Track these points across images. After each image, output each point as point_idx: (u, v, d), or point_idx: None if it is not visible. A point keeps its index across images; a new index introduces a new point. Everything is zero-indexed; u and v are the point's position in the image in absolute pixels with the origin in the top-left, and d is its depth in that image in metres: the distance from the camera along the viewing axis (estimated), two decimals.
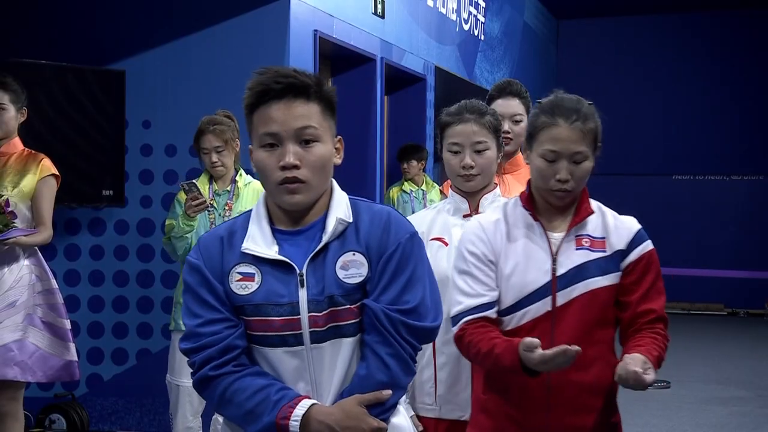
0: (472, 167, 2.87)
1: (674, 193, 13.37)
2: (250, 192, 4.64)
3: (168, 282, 5.72)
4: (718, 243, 13.03)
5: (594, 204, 2.64)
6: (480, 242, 2.54)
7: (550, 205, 2.57)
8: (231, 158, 4.64)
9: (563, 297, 2.47)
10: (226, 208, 4.62)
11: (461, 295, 2.52)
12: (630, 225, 2.59)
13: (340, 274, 2.00)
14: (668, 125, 13.50)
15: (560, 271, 2.48)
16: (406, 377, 2.03)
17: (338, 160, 2.09)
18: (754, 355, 9.78)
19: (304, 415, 1.94)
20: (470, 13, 9.49)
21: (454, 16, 8.91)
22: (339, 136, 2.09)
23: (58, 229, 5.55)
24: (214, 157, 4.62)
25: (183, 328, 4.58)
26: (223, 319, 2.01)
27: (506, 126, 3.45)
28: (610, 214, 2.62)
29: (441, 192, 6.70)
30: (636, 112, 13.54)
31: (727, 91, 13.32)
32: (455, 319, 2.53)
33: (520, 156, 3.51)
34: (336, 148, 2.07)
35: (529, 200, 2.58)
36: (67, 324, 4.48)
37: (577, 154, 2.57)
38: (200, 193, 4.41)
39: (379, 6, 7.01)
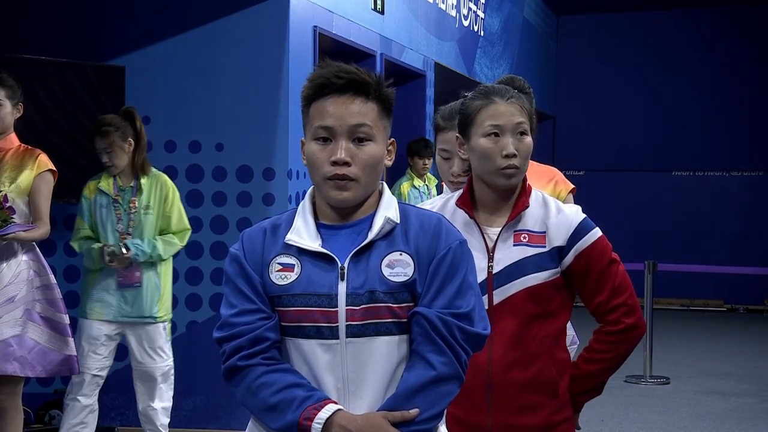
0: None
1: (674, 189, 13.37)
2: (154, 184, 4.82)
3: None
4: (718, 239, 13.03)
5: (538, 197, 2.53)
6: None
7: (493, 197, 2.50)
8: (122, 157, 4.79)
9: (500, 295, 2.44)
10: (131, 204, 4.79)
11: None
12: (570, 219, 2.48)
13: (385, 271, 1.99)
14: (668, 121, 13.50)
15: (496, 268, 2.44)
16: (456, 388, 1.99)
17: (389, 162, 2.07)
18: (753, 351, 9.79)
19: (327, 418, 1.92)
20: (470, 8, 9.49)
21: (453, 12, 8.91)
22: (392, 139, 2.07)
23: (57, 225, 5.55)
24: (104, 158, 4.80)
25: (88, 316, 4.74)
26: (257, 310, 2.01)
27: None
28: (554, 207, 2.51)
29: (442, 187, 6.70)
30: (635, 108, 13.53)
31: (727, 86, 13.32)
32: None
33: None
34: (388, 150, 2.06)
35: (466, 197, 2.53)
36: (66, 319, 4.48)
37: (520, 125, 2.47)
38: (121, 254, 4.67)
39: (379, 2, 7.01)
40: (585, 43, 13.89)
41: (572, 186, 3.59)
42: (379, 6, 7.00)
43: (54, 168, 4.49)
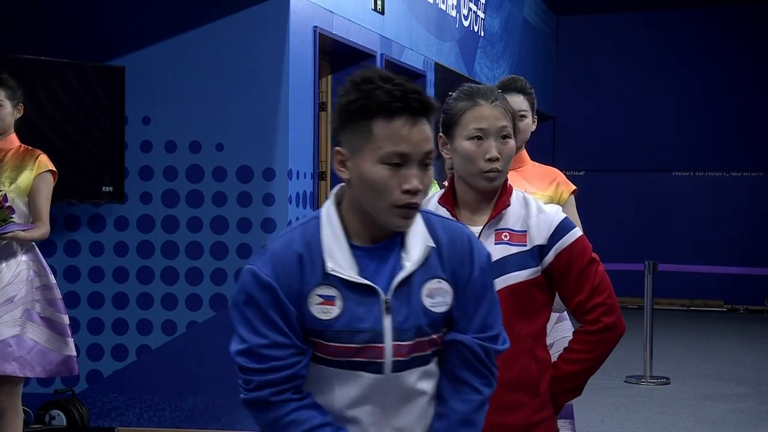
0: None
1: (674, 189, 13.36)
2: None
3: (168, 278, 5.73)
4: (718, 239, 13.03)
5: (519, 196, 2.54)
6: None
7: (474, 197, 2.51)
8: None
9: None
10: None
11: None
12: (551, 219, 2.49)
13: (427, 302, 1.94)
14: (668, 121, 13.49)
15: None
16: (487, 404, 2.04)
17: None
18: (753, 351, 9.78)
19: None
20: (470, 9, 9.48)
21: (453, 12, 8.90)
22: None
23: (57, 225, 5.55)
24: None
25: None
26: (290, 345, 1.92)
27: None
28: (535, 206, 2.52)
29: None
30: (635, 108, 13.53)
31: (727, 86, 13.31)
32: None
33: (524, 153, 3.51)
34: None
35: (448, 196, 2.54)
36: (66, 319, 4.48)
37: (504, 129, 2.47)
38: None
39: (379, 2, 7.01)
40: (585, 43, 13.89)
41: (574, 187, 3.59)
42: (379, 6, 7.00)
43: (54, 168, 4.48)
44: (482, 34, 10.00)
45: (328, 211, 1.97)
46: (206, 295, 5.71)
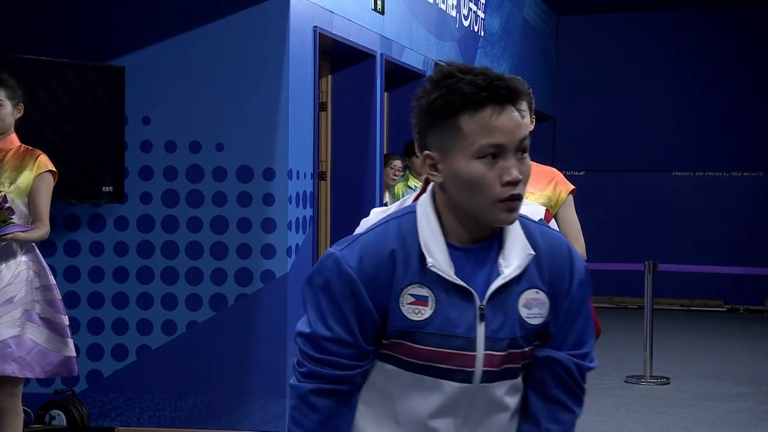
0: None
1: (674, 189, 13.36)
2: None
3: (168, 278, 5.73)
4: (718, 239, 13.03)
5: None
6: None
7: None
8: None
9: None
10: None
11: None
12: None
13: (523, 312, 1.84)
14: (668, 121, 13.49)
15: None
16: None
17: None
18: (753, 351, 9.78)
19: None
20: (470, 9, 9.48)
21: (453, 12, 8.90)
22: None
23: (57, 225, 5.55)
24: None
25: None
26: (353, 345, 1.82)
27: None
28: None
29: None
30: (635, 108, 13.53)
31: (727, 86, 13.31)
32: None
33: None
34: None
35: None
36: (66, 320, 4.48)
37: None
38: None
39: (379, 2, 7.01)
40: (585, 43, 13.89)
41: (572, 187, 3.59)
42: (379, 6, 7.00)
43: (54, 169, 4.48)
44: (482, 34, 10.00)
45: (424, 206, 1.85)
46: (206, 295, 5.71)
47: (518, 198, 1.78)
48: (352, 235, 1.91)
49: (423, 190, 2.52)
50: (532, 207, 2.52)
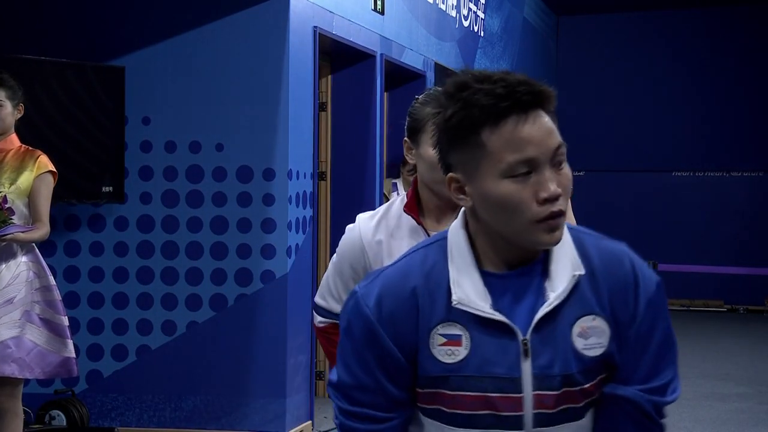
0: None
1: (674, 190, 13.36)
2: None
3: (168, 278, 5.73)
4: (718, 239, 13.03)
5: None
6: (356, 251, 2.46)
7: (440, 203, 2.40)
8: None
9: None
10: None
11: (330, 289, 2.52)
12: None
13: (578, 343, 1.58)
14: (668, 121, 13.49)
15: None
16: None
17: None
18: (753, 351, 9.78)
19: None
20: (470, 9, 9.48)
21: (453, 13, 8.90)
22: None
23: (57, 225, 5.55)
24: None
25: None
26: (380, 392, 1.62)
27: None
28: None
29: None
30: (635, 108, 13.53)
31: (727, 86, 13.31)
32: (320, 310, 2.55)
33: None
34: None
35: (412, 203, 2.45)
36: (65, 321, 4.48)
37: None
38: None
39: (379, 2, 7.01)
40: (585, 43, 13.89)
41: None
42: (379, 6, 7.00)
43: (54, 169, 4.48)
44: (482, 35, 10.00)
45: (455, 232, 1.64)
46: (206, 296, 5.71)
47: (559, 215, 1.55)
48: (379, 269, 1.73)
49: (413, 183, 2.51)
50: None
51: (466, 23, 9.34)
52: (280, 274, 5.62)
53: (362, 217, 2.53)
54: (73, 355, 4.51)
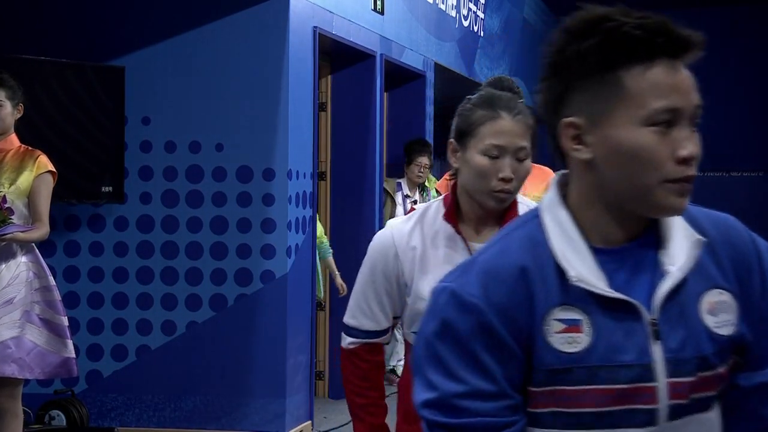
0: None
1: None
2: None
3: (167, 278, 5.73)
4: None
5: (526, 209, 2.34)
6: (389, 258, 2.35)
7: (481, 212, 2.33)
8: None
9: None
10: None
11: (360, 305, 2.41)
12: None
13: (709, 321, 1.39)
14: None
15: None
16: None
17: None
18: None
19: None
20: (470, 9, 9.48)
21: (453, 13, 8.91)
22: None
23: (57, 225, 5.55)
24: None
25: None
26: (499, 395, 1.36)
27: None
28: None
29: (436, 191, 6.70)
30: None
31: (726, 86, 13.32)
32: (351, 331, 2.42)
33: None
34: None
35: (451, 211, 2.33)
36: (65, 321, 4.48)
37: (521, 150, 2.26)
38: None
39: (379, 2, 7.01)
40: None
41: None
42: (379, 6, 7.00)
43: (54, 169, 4.48)
44: (482, 34, 10.00)
45: (551, 206, 1.43)
46: (206, 296, 5.71)
47: (692, 180, 1.36)
48: (467, 259, 1.48)
49: (451, 188, 2.37)
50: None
51: (465, 23, 9.34)
52: (279, 274, 5.62)
53: (395, 222, 2.43)
54: (73, 355, 4.51)
